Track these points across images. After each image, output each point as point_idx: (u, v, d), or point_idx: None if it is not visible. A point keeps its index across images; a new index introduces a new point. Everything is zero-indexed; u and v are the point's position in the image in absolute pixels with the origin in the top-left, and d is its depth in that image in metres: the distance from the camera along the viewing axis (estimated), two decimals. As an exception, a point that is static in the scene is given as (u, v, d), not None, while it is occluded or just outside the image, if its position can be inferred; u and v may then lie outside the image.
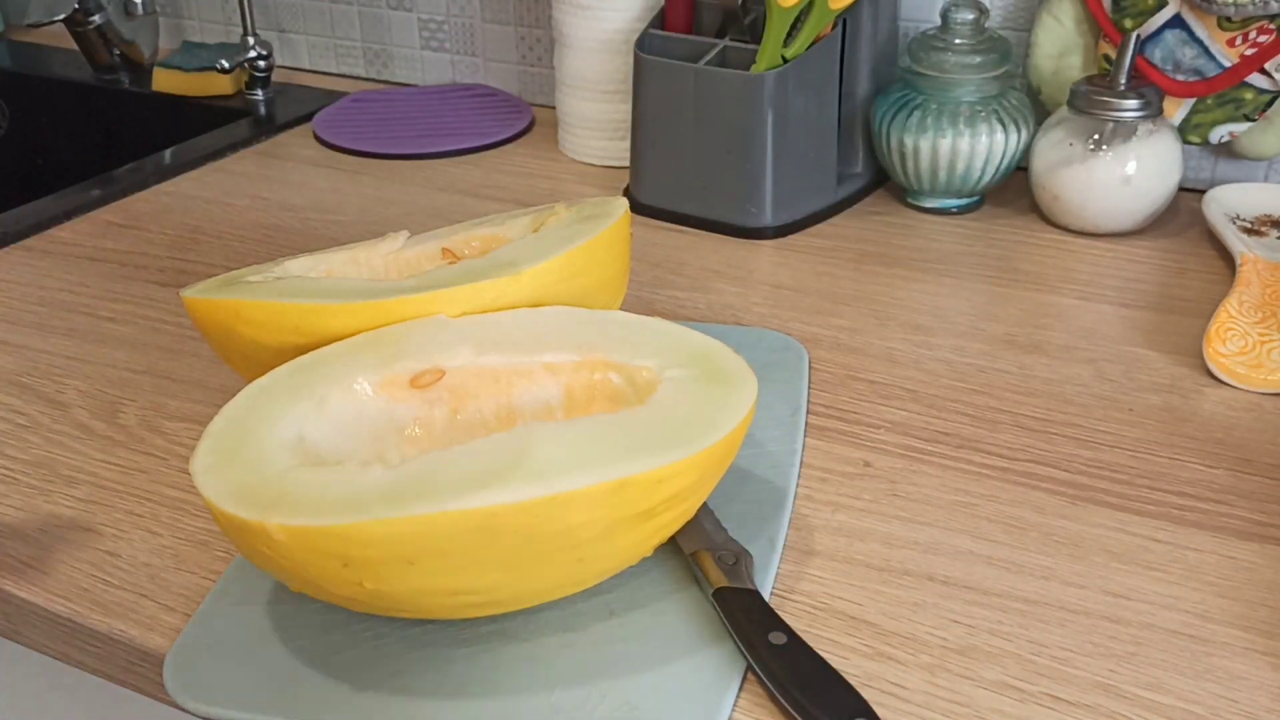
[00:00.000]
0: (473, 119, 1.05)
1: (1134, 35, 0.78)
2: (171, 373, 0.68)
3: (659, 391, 0.47)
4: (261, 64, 1.12)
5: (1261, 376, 0.64)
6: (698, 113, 0.81)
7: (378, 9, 1.14)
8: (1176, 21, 0.81)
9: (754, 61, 0.80)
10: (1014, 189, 0.88)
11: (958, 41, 0.82)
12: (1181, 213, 0.84)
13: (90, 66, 1.21)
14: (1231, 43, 0.80)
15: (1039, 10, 0.87)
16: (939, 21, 0.83)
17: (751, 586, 0.47)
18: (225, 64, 1.09)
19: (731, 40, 0.84)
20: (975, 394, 0.64)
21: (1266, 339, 0.66)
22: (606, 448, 0.42)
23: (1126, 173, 0.78)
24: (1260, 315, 0.68)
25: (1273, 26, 0.78)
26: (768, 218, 0.83)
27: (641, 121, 0.85)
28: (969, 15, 0.82)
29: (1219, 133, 0.83)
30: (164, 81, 1.14)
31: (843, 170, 0.87)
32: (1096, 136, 0.79)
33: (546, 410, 0.51)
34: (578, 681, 0.44)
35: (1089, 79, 0.80)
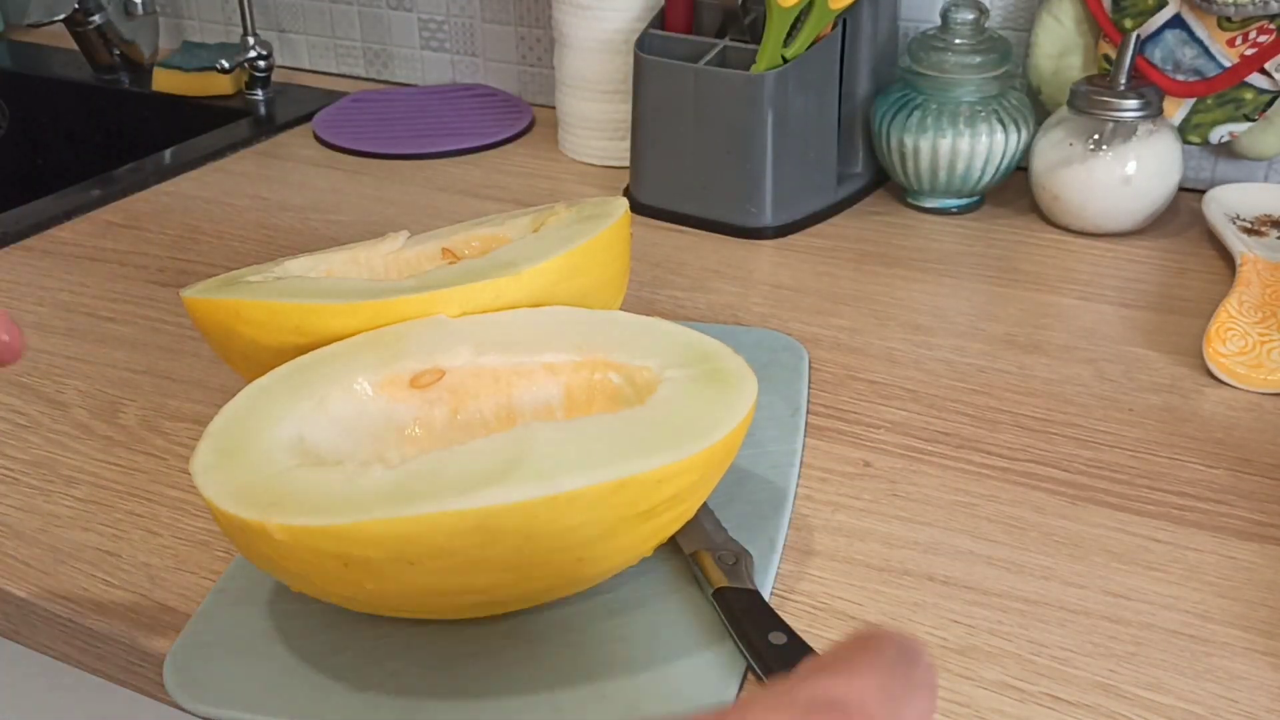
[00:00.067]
0: (473, 119, 1.05)
1: (1134, 35, 0.78)
2: (171, 373, 0.68)
3: (659, 391, 0.47)
4: (261, 64, 1.12)
5: (1261, 376, 0.64)
6: (698, 113, 0.81)
7: (378, 9, 1.14)
8: (1176, 21, 0.81)
9: (754, 61, 0.80)
10: (1014, 189, 0.88)
11: (958, 41, 0.82)
12: (1181, 213, 0.84)
13: (90, 66, 1.21)
14: (1231, 43, 0.80)
15: (1039, 10, 0.87)
16: (939, 21, 0.83)
17: (751, 586, 0.47)
18: (225, 64, 1.09)
19: (731, 40, 0.84)
20: (975, 394, 0.64)
21: (1266, 339, 0.66)
22: (606, 448, 0.42)
23: (1126, 173, 0.78)
24: (1260, 315, 0.68)
25: (1273, 26, 0.78)
26: (768, 218, 0.83)
27: (641, 121, 0.85)
28: (969, 15, 0.82)
29: (1219, 133, 0.83)
30: (164, 81, 1.14)
31: (843, 170, 0.87)
32: (1096, 136, 0.79)
33: (546, 410, 0.51)
34: (578, 681, 0.44)
35: (1089, 79, 0.80)
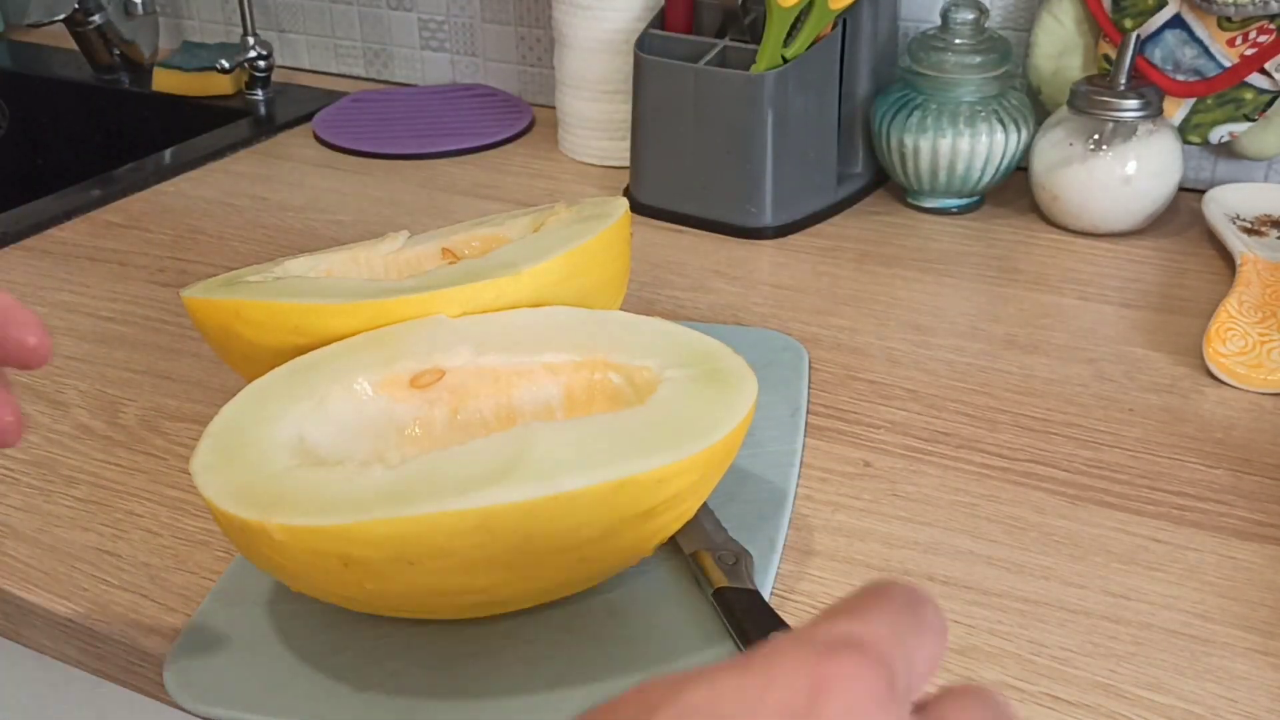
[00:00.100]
0: (473, 119, 1.05)
1: (1134, 35, 0.78)
2: (171, 373, 0.68)
3: (659, 391, 0.47)
4: (261, 64, 1.11)
5: (1261, 376, 0.64)
6: (698, 113, 0.81)
7: (378, 9, 1.14)
8: (1176, 21, 0.81)
9: (754, 61, 0.80)
10: (1014, 189, 0.88)
11: (958, 41, 0.82)
12: (1181, 213, 0.84)
13: (90, 66, 1.21)
14: (1231, 43, 0.80)
15: (1039, 10, 0.87)
16: (939, 21, 0.83)
17: (751, 586, 0.47)
18: (225, 64, 1.09)
19: (731, 40, 0.84)
20: (975, 394, 0.64)
21: (1266, 339, 0.66)
22: (606, 448, 0.42)
23: (1126, 173, 0.78)
24: (1260, 315, 0.68)
25: (1273, 26, 0.78)
26: (768, 218, 0.83)
27: (641, 121, 0.85)
28: (969, 15, 0.82)
29: (1219, 133, 0.83)
30: (164, 81, 1.14)
31: (843, 170, 0.87)
32: (1096, 136, 0.79)
33: (546, 410, 0.51)
34: (578, 681, 0.44)
35: (1089, 79, 0.80)
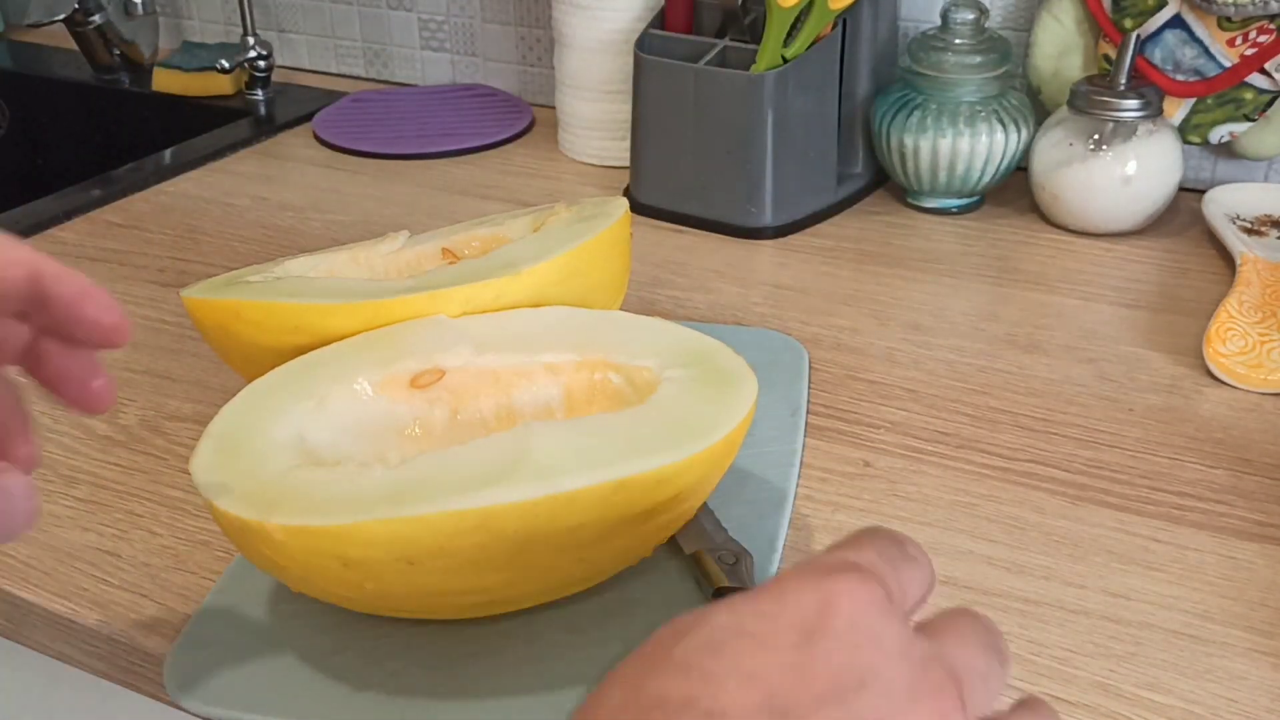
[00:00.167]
0: (473, 119, 1.05)
1: (1134, 35, 0.78)
2: (171, 373, 0.68)
3: (659, 391, 0.47)
4: (261, 64, 1.11)
5: (1261, 376, 0.64)
6: (698, 113, 0.81)
7: (378, 9, 1.14)
8: (1176, 21, 0.81)
9: (754, 61, 0.80)
10: (1014, 189, 0.88)
11: (958, 41, 0.82)
12: (1181, 213, 0.84)
13: (90, 66, 1.21)
14: (1231, 43, 0.80)
15: (1039, 10, 0.87)
16: (939, 21, 0.83)
17: (751, 586, 0.47)
18: (225, 64, 1.09)
19: (731, 40, 0.84)
20: (975, 394, 0.64)
21: (1266, 339, 0.66)
22: (606, 448, 0.42)
23: (1126, 173, 0.78)
24: (1260, 315, 0.68)
25: (1273, 26, 0.78)
26: (768, 218, 0.83)
27: (641, 121, 0.85)
28: (969, 15, 0.82)
29: (1219, 133, 0.83)
30: (164, 81, 1.14)
31: (843, 170, 0.87)
32: (1096, 136, 0.79)
33: (546, 410, 0.51)
34: (578, 682, 0.44)
35: (1089, 79, 0.80)
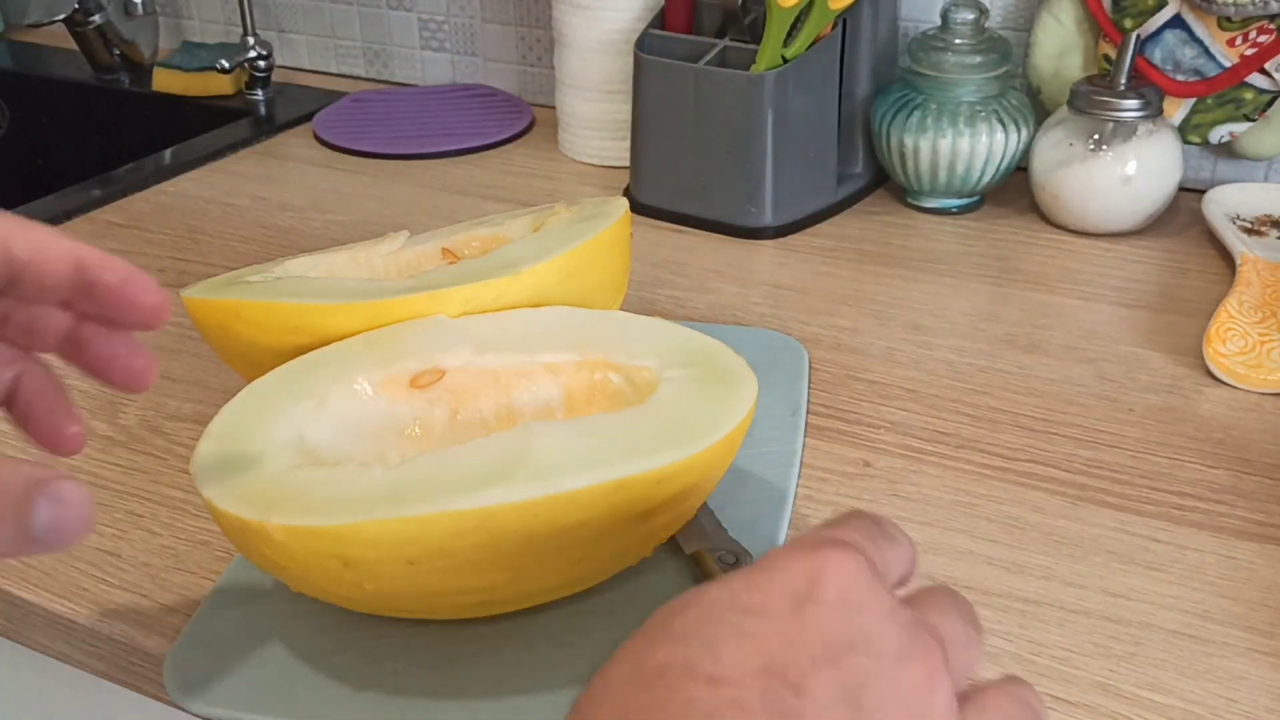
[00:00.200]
0: (473, 119, 1.05)
1: (1134, 35, 0.78)
2: (171, 373, 0.68)
3: (659, 391, 0.47)
4: (261, 64, 1.11)
5: (1261, 376, 0.64)
6: (698, 113, 0.81)
7: (378, 9, 1.14)
8: (1176, 21, 0.81)
9: (754, 61, 0.80)
10: (1014, 189, 0.88)
11: (958, 41, 0.82)
12: (1181, 213, 0.84)
13: (90, 66, 1.21)
14: (1231, 43, 0.80)
15: (1039, 10, 0.87)
16: (939, 21, 0.83)
17: (751, 586, 0.47)
18: (225, 64, 1.09)
19: (731, 40, 0.84)
20: (975, 394, 0.64)
21: (1266, 339, 0.66)
22: (606, 448, 0.42)
23: (1126, 173, 0.78)
24: (1260, 315, 0.68)
25: (1273, 26, 0.78)
26: (768, 218, 0.83)
27: (641, 121, 0.85)
28: (969, 15, 0.82)
29: (1219, 133, 0.83)
30: (164, 81, 1.14)
31: (843, 170, 0.87)
32: (1096, 136, 0.79)
33: (546, 410, 0.51)
34: (579, 682, 0.44)
35: (1089, 79, 0.80)
